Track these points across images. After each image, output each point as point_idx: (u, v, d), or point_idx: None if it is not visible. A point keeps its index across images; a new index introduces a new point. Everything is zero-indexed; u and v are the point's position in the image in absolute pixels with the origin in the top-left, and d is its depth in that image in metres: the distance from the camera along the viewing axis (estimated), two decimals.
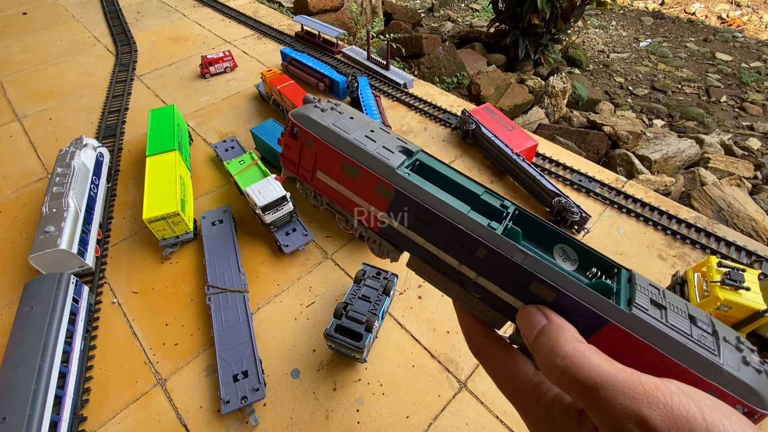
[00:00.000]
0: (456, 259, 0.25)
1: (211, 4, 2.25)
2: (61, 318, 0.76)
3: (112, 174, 1.20)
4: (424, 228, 0.26)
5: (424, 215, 0.25)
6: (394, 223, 0.27)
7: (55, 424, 0.66)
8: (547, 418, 0.22)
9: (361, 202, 0.28)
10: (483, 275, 0.24)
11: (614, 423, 0.18)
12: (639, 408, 0.17)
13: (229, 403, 0.69)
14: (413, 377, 0.76)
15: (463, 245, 0.24)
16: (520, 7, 2.65)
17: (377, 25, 2.76)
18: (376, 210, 0.27)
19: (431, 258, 0.26)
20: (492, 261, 0.24)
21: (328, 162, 0.27)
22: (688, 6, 4.32)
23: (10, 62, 1.81)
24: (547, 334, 0.21)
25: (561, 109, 2.34)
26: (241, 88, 1.57)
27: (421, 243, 0.26)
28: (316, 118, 0.27)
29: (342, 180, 0.28)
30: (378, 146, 0.27)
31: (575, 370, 0.19)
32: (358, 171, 0.26)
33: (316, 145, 0.27)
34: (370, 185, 0.26)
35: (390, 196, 0.26)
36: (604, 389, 0.18)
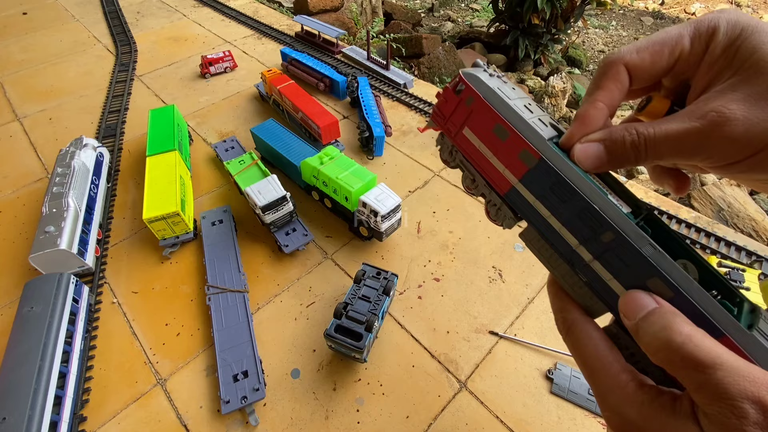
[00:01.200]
0: (576, 238, 0.26)
1: (211, 4, 2.25)
2: (61, 318, 0.76)
3: (112, 174, 1.20)
4: (554, 201, 0.26)
5: (560, 188, 0.26)
6: (524, 190, 0.28)
7: (55, 424, 0.66)
8: (635, 399, 0.23)
9: (498, 164, 0.29)
10: (600, 260, 0.25)
11: (728, 401, 0.19)
12: (759, 390, 0.18)
13: (229, 403, 0.69)
14: (413, 377, 0.76)
15: (591, 226, 0.25)
16: (520, 7, 2.66)
17: (377, 25, 2.76)
18: (511, 175, 0.28)
19: (550, 232, 0.27)
20: (616, 247, 0.24)
21: (481, 121, 0.29)
22: (688, 6, 4.32)
23: (10, 62, 1.81)
24: (660, 315, 0.22)
25: (561, 109, 2.34)
26: (241, 88, 1.57)
27: (545, 215, 0.27)
28: (484, 78, 0.29)
29: (488, 140, 0.29)
30: (534, 117, 0.28)
31: (693, 347, 0.20)
32: (508, 134, 0.27)
33: (475, 103, 0.29)
34: (514, 150, 0.27)
35: (531, 163, 0.27)
36: (723, 369, 0.19)
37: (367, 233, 0.95)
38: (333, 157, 0.99)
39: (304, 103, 1.22)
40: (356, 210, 0.93)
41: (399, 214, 0.94)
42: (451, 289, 0.89)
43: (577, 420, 0.70)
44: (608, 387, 0.24)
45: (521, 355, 0.78)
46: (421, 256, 0.96)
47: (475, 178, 0.32)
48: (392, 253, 0.96)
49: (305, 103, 1.22)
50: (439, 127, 0.33)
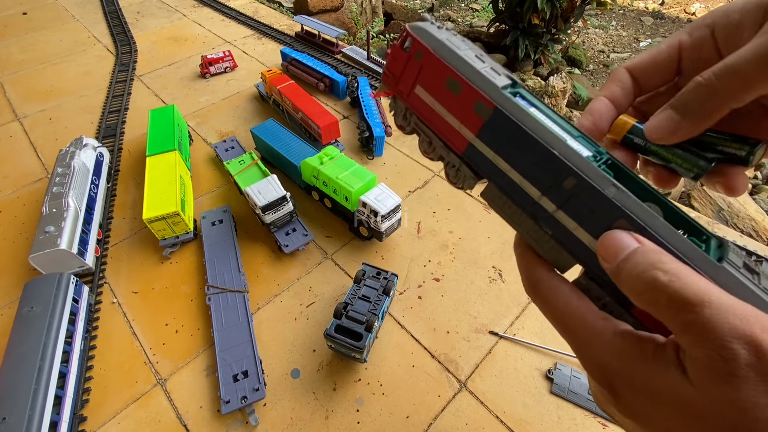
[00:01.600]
0: (538, 189, 0.25)
1: (211, 4, 2.25)
2: (61, 318, 0.76)
3: (112, 174, 1.20)
4: (513, 152, 0.25)
5: (518, 138, 0.24)
6: (482, 145, 0.26)
7: (55, 424, 0.66)
8: (613, 347, 0.22)
9: (452, 120, 0.28)
10: (563, 209, 0.24)
11: (717, 342, 0.17)
12: (752, 329, 0.17)
13: (229, 403, 0.69)
14: (413, 377, 0.76)
15: (552, 173, 0.24)
16: (520, 7, 2.66)
17: (377, 25, 2.76)
18: (467, 130, 0.27)
19: (510, 187, 0.26)
20: (579, 193, 0.23)
21: (432, 76, 0.27)
22: (688, 6, 4.31)
23: (10, 62, 1.81)
24: (643, 254, 0.20)
25: (561, 109, 2.34)
26: (241, 88, 1.57)
27: (505, 169, 0.26)
28: (432, 31, 0.27)
29: (441, 96, 0.28)
30: (486, 66, 0.26)
31: (680, 285, 0.18)
32: (460, 86, 0.26)
33: (425, 58, 0.27)
34: (469, 102, 0.26)
35: (487, 114, 0.25)
36: (711, 307, 0.17)
37: (367, 233, 0.95)
38: (333, 157, 0.99)
39: (304, 103, 1.22)
40: (356, 210, 0.93)
41: (399, 214, 0.94)
42: (451, 289, 0.89)
43: (577, 420, 0.70)
44: (584, 338, 0.23)
45: (521, 355, 0.78)
46: (421, 256, 0.96)
47: (431, 141, 0.31)
48: (392, 253, 0.96)
49: (305, 103, 1.22)
50: (390, 90, 0.31)
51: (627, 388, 0.21)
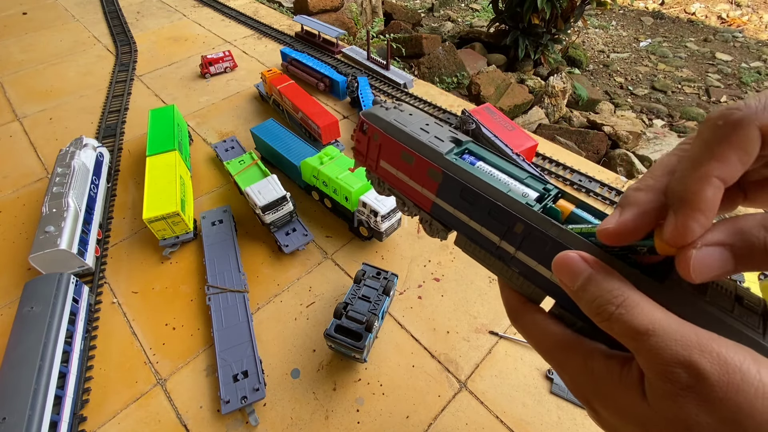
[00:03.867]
0: (496, 234, 0.28)
1: (211, 4, 2.25)
2: (61, 318, 0.76)
3: (112, 174, 1.20)
4: (467, 206, 0.29)
5: (467, 194, 0.29)
6: (442, 203, 0.31)
7: (55, 424, 0.66)
8: (586, 369, 0.23)
9: (414, 185, 0.32)
10: (521, 250, 0.27)
11: (662, 367, 0.19)
12: (690, 354, 0.18)
13: (229, 403, 0.69)
14: (413, 377, 0.76)
15: (502, 221, 0.27)
16: (520, 7, 2.66)
17: (377, 25, 2.76)
18: (428, 192, 0.32)
19: (475, 235, 0.30)
20: (528, 235, 0.26)
21: (390, 152, 0.33)
22: (688, 6, 4.32)
23: (10, 62, 1.81)
24: (597, 284, 0.21)
25: (561, 109, 2.34)
26: (241, 88, 1.57)
27: (465, 221, 0.30)
28: (381, 115, 0.33)
29: (400, 167, 0.33)
30: (430, 136, 0.31)
31: (628, 316, 0.20)
32: (412, 158, 0.31)
33: (380, 138, 0.33)
34: (422, 170, 0.31)
35: (438, 178, 0.30)
36: (656, 335, 0.19)
37: (367, 233, 0.95)
38: (333, 157, 0.99)
39: (304, 103, 1.22)
40: (356, 210, 0.93)
41: (399, 214, 0.94)
42: (451, 289, 0.89)
43: (577, 420, 0.70)
44: (561, 361, 0.25)
45: (521, 355, 0.78)
46: (421, 256, 0.96)
47: (404, 202, 0.35)
48: (392, 253, 0.96)
49: (305, 103, 1.22)
50: (362, 164, 0.37)
51: (601, 406, 0.23)
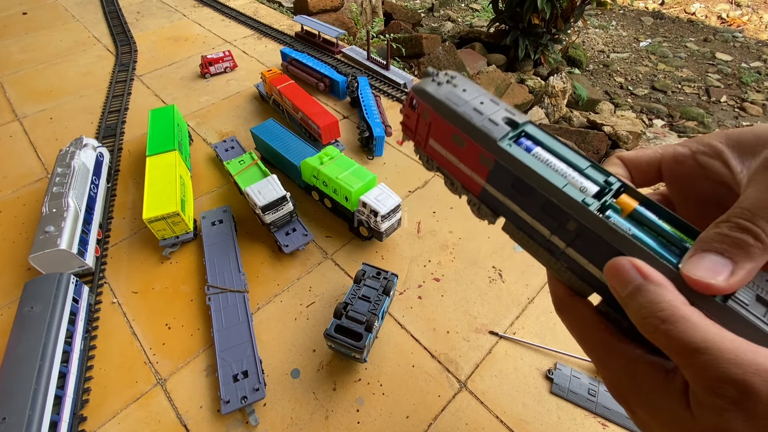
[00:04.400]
0: (547, 228, 0.27)
1: (211, 4, 2.25)
2: (61, 318, 0.76)
3: (112, 174, 1.20)
4: (519, 197, 0.28)
5: (520, 185, 0.27)
6: (493, 189, 0.29)
7: (55, 424, 0.66)
8: (628, 371, 0.23)
9: (465, 169, 0.31)
10: (572, 247, 0.26)
11: (711, 383, 0.19)
12: (744, 374, 0.18)
13: (229, 403, 0.69)
14: (413, 377, 0.76)
15: (555, 217, 0.26)
16: (520, 7, 2.66)
17: (377, 25, 2.76)
18: (478, 177, 0.30)
19: (524, 225, 0.28)
20: (581, 235, 0.25)
21: (440, 131, 0.31)
22: (688, 6, 4.32)
23: (10, 62, 1.81)
24: (645, 295, 0.21)
25: (561, 109, 2.34)
26: (241, 88, 1.57)
27: (516, 210, 0.29)
28: (432, 91, 0.30)
29: (450, 148, 0.31)
30: (484, 119, 0.29)
31: (677, 334, 0.20)
32: (464, 141, 0.29)
33: (430, 116, 0.31)
34: (474, 154, 0.29)
35: (490, 165, 0.28)
36: (708, 353, 0.19)
37: (367, 233, 0.95)
38: (333, 157, 0.99)
39: (304, 103, 1.22)
40: (356, 210, 0.93)
41: (399, 214, 0.94)
42: (451, 289, 0.89)
43: (577, 420, 0.70)
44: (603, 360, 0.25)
45: (521, 355, 0.78)
46: (421, 256, 0.96)
47: (453, 182, 0.34)
48: (392, 253, 0.96)
49: (305, 103, 1.22)
50: (410, 139, 0.35)
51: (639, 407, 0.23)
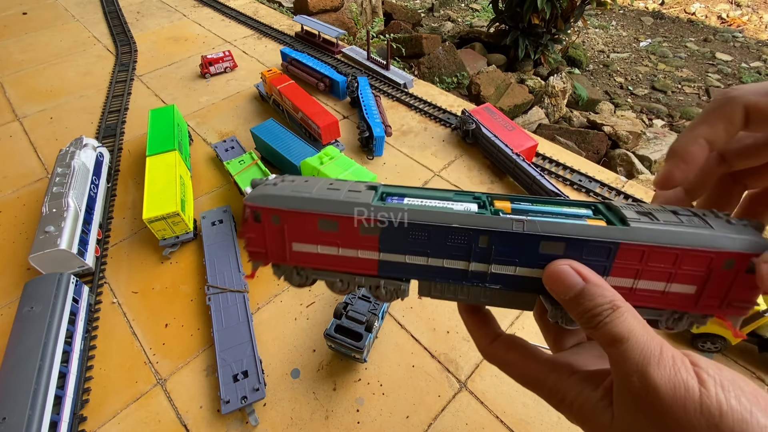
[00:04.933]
0: (464, 260, 0.25)
1: (211, 4, 2.25)
2: (61, 318, 0.76)
3: (112, 174, 1.20)
4: (421, 246, 0.25)
5: (416, 233, 0.25)
6: (390, 256, 0.26)
7: (55, 424, 0.66)
8: (565, 404, 0.24)
9: (348, 252, 0.27)
10: (495, 262, 0.25)
11: (624, 374, 0.20)
12: (647, 366, 0.19)
13: (229, 403, 0.69)
14: (413, 377, 0.76)
15: (465, 242, 0.25)
16: (520, 7, 2.65)
17: (377, 25, 2.76)
18: (368, 252, 0.26)
19: (440, 273, 0.26)
20: (497, 243, 0.24)
21: (302, 228, 0.26)
22: (688, 6, 4.31)
23: (10, 62, 1.81)
24: (588, 297, 0.22)
25: (561, 109, 2.34)
26: (241, 88, 1.57)
27: (423, 264, 0.26)
28: (275, 192, 0.26)
29: (322, 239, 0.27)
30: (344, 192, 0.26)
31: (611, 325, 0.21)
32: (336, 223, 0.26)
33: (283, 218, 0.26)
34: (353, 230, 0.26)
35: (377, 231, 0.25)
36: (628, 343, 0.20)
37: None
38: (333, 157, 0.99)
39: (304, 103, 1.22)
40: None
41: None
42: None
43: None
44: (543, 394, 0.26)
45: None
46: None
47: (340, 279, 0.29)
48: None
49: (305, 103, 1.22)
50: (265, 263, 0.29)
51: (577, 423, 0.24)
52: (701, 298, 0.24)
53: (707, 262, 0.23)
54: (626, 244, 0.23)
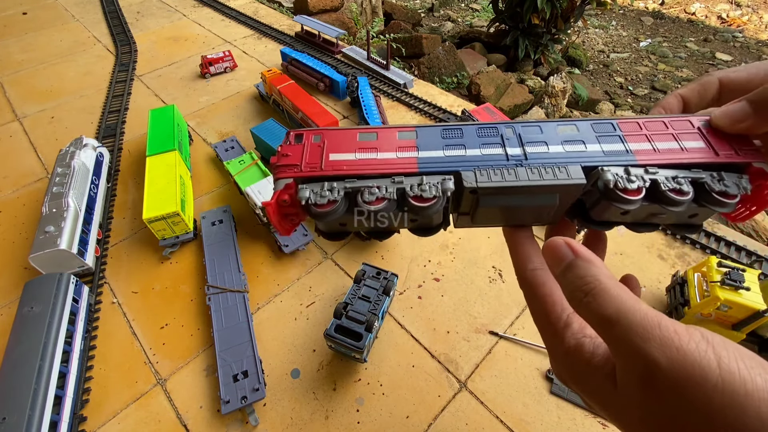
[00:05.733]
0: (500, 147, 0.28)
1: (211, 4, 2.25)
2: (61, 318, 0.76)
3: (112, 174, 1.20)
4: (457, 141, 0.28)
5: (449, 131, 0.28)
6: (428, 153, 0.27)
7: (55, 424, 0.66)
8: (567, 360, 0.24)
9: (386, 156, 0.28)
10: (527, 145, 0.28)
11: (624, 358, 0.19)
12: (649, 348, 0.18)
13: (229, 403, 0.69)
14: (413, 377, 0.76)
15: (495, 133, 0.28)
16: (520, 7, 2.66)
17: (377, 25, 2.76)
18: (407, 154, 0.28)
19: (480, 161, 0.27)
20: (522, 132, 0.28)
21: (342, 141, 0.28)
22: (688, 6, 4.31)
23: (10, 62, 1.81)
24: (573, 270, 0.22)
25: (561, 109, 2.34)
26: (241, 88, 1.57)
27: (462, 154, 0.27)
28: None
29: (360, 147, 0.28)
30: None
31: (594, 305, 0.20)
32: (375, 133, 0.29)
33: (325, 136, 0.29)
34: (391, 136, 0.28)
35: (412, 135, 0.28)
36: (620, 325, 0.19)
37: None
38: None
39: (304, 103, 1.22)
40: None
41: None
42: (451, 289, 0.89)
43: (577, 420, 0.70)
44: (551, 343, 0.25)
45: (521, 355, 0.78)
46: (421, 256, 0.96)
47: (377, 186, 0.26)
48: (392, 253, 0.96)
49: (305, 103, 1.22)
50: (294, 174, 0.27)
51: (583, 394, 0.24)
52: (715, 148, 0.26)
53: (688, 122, 0.27)
54: (622, 120, 0.27)
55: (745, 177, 0.25)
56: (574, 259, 0.23)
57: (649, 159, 0.26)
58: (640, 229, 0.29)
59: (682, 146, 0.26)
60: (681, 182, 0.25)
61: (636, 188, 0.24)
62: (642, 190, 0.24)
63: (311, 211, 0.26)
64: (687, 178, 0.25)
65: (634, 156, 0.26)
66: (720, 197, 0.24)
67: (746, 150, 0.26)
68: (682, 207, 0.25)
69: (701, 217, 0.27)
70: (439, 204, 0.26)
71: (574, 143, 0.27)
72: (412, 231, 0.29)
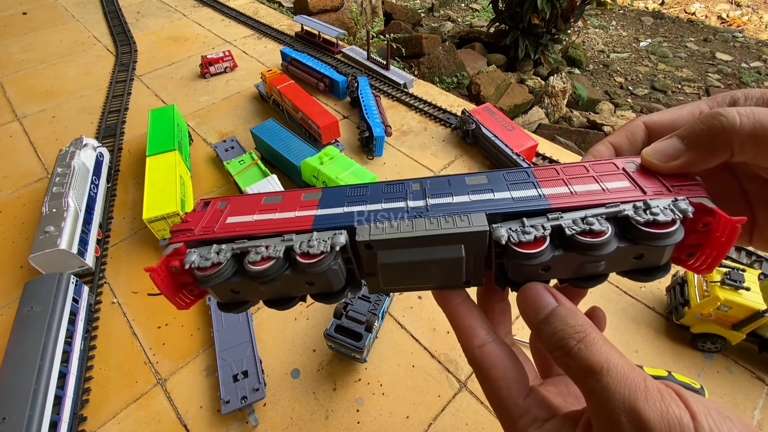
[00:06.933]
0: (401, 201, 0.27)
1: (211, 4, 2.25)
2: (61, 318, 0.76)
3: (112, 174, 1.20)
4: (360, 198, 0.27)
5: (353, 191, 0.28)
6: (329, 210, 0.26)
7: (55, 424, 0.66)
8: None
9: (285, 215, 0.26)
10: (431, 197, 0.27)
11: (609, 412, 0.18)
12: (635, 401, 0.17)
13: (229, 403, 0.69)
14: (413, 377, 0.76)
15: (400, 188, 0.28)
16: (520, 7, 2.65)
17: (377, 25, 2.76)
18: (306, 210, 0.26)
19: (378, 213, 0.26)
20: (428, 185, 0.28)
21: (245, 205, 0.28)
22: (688, 6, 4.31)
23: (10, 62, 1.81)
24: (561, 319, 0.21)
25: (561, 109, 2.34)
26: (241, 88, 1.57)
27: (362, 210, 0.26)
28: None
29: (261, 209, 0.27)
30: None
31: (585, 353, 0.20)
32: (281, 196, 0.28)
33: (231, 202, 0.29)
34: (296, 198, 0.28)
35: (318, 195, 0.28)
36: (609, 375, 0.18)
37: None
38: (333, 157, 0.99)
39: (304, 103, 1.22)
40: None
41: None
42: None
43: None
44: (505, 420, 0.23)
45: None
46: None
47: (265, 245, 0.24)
48: None
49: (305, 103, 1.22)
50: (185, 238, 0.27)
51: None
52: (641, 186, 0.24)
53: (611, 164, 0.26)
54: (538, 168, 0.26)
55: (683, 199, 0.22)
56: (558, 306, 0.22)
57: (564, 202, 0.23)
58: (582, 284, 0.24)
59: (604, 187, 0.24)
60: (591, 222, 0.21)
61: (534, 239, 0.21)
62: (545, 240, 0.21)
63: (195, 276, 0.24)
64: (600, 215, 0.22)
65: (548, 200, 0.23)
66: (650, 229, 0.21)
67: (680, 185, 0.23)
68: (604, 249, 0.21)
69: (653, 258, 0.22)
70: (328, 261, 0.23)
71: (482, 192, 0.25)
72: (314, 298, 0.26)
